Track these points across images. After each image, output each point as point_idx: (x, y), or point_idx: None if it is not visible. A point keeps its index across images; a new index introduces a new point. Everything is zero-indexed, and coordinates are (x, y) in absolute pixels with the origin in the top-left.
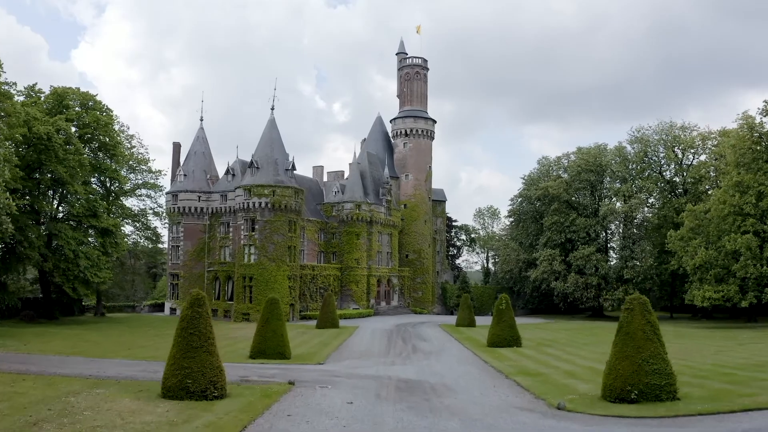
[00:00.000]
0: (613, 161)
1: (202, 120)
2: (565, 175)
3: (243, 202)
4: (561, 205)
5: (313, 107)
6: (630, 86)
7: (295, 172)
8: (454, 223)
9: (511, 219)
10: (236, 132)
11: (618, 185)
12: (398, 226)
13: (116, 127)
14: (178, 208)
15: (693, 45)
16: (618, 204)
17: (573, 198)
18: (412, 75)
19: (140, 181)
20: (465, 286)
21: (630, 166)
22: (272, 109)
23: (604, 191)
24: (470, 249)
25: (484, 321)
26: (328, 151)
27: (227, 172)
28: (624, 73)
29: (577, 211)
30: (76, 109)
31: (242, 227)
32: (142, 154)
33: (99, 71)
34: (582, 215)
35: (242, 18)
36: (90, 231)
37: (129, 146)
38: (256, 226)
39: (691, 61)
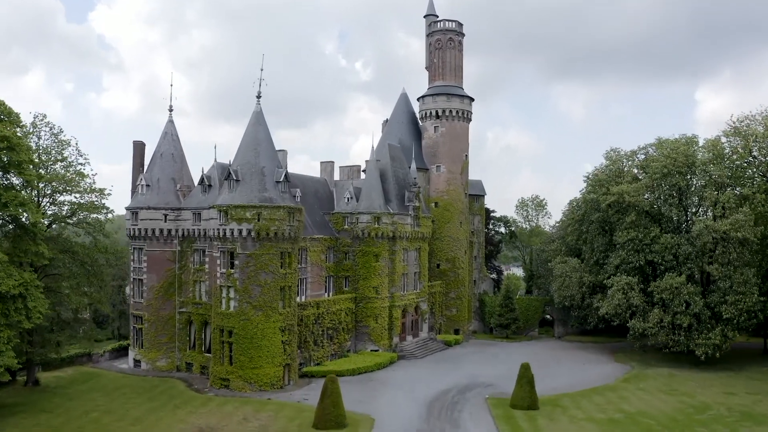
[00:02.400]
0: (707, 160)
1: (171, 110)
2: (643, 176)
3: (218, 229)
4: (639, 217)
5: (335, 66)
6: (660, 43)
7: (289, 184)
8: (492, 214)
9: (567, 221)
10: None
11: (713, 192)
12: (428, 237)
13: (45, 130)
14: (139, 230)
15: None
16: (714, 218)
17: (654, 207)
18: (444, 42)
19: (77, 203)
20: (509, 303)
21: (724, 164)
22: (258, 97)
23: (693, 199)
24: (511, 243)
25: (536, 364)
26: (352, 111)
27: (201, 181)
28: (655, 29)
29: (660, 226)
30: None
31: (218, 261)
32: (81, 165)
33: (117, 33)
34: (666, 231)
35: None
36: None
37: (59, 158)
38: (236, 262)
39: (723, 16)
